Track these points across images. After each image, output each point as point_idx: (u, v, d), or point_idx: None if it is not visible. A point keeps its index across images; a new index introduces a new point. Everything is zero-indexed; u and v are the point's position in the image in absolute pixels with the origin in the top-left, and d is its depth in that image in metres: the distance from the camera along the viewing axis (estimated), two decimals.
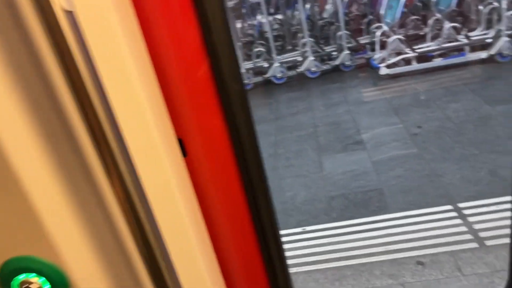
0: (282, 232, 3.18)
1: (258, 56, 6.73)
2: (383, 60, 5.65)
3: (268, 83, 6.51)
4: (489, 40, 5.43)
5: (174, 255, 0.83)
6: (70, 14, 0.63)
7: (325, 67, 6.26)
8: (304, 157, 4.26)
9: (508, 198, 2.92)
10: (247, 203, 1.02)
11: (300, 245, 3.00)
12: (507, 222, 2.70)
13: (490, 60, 5.38)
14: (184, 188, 0.87)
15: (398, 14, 5.27)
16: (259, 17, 6.86)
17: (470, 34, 5.62)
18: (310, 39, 6.18)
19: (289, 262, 2.97)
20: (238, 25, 7.51)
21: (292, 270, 2.80)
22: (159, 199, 0.79)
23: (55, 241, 0.69)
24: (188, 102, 0.87)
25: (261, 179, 0.98)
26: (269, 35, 6.22)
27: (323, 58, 6.43)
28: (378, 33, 5.78)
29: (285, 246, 3.24)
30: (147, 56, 0.79)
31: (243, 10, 7.31)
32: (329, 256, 2.82)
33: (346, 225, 3.06)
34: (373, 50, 6.07)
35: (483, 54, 5.38)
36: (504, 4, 5.16)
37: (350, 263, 2.71)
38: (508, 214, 2.75)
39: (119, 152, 0.69)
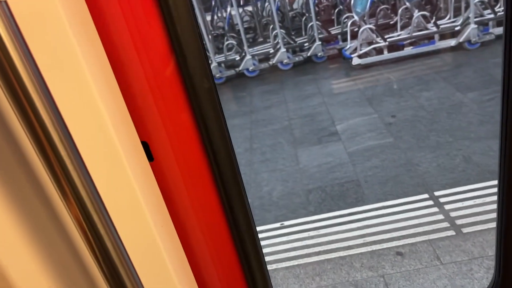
0: (260, 228, 3.13)
1: (229, 49, 6.63)
2: (354, 50, 5.65)
3: (240, 76, 6.42)
4: (457, 28, 5.50)
5: (141, 267, 0.75)
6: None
7: (297, 58, 6.21)
8: (280, 151, 4.20)
9: (482, 184, 2.94)
10: (221, 203, 0.96)
11: (279, 241, 2.95)
12: (482, 208, 2.72)
13: (459, 47, 5.45)
14: (150, 194, 0.79)
15: (368, 4, 5.26)
16: (229, 9, 6.74)
17: (439, 22, 5.67)
18: (281, 30, 6.12)
19: (268, 258, 2.91)
20: (208, 18, 7.37)
21: (271, 266, 2.75)
22: (121, 208, 0.71)
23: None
24: (153, 104, 0.80)
25: (235, 178, 0.92)
26: (240, 27, 6.12)
27: (295, 50, 6.38)
28: (349, 23, 5.76)
29: (264, 242, 3.16)
30: (103, 56, 0.70)
31: (213, 3, 7.18)
32: (309, 251, 2.78)
33: (324, 218, 3.03)
34: (344, 40, 6.06)
35: (452, 42, 5.44)
36: None
37: (330, 257, 2.68)
38: (483, 200, 2.77)
39: (70, 158, 0.60)
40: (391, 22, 6.25)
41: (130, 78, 0.76)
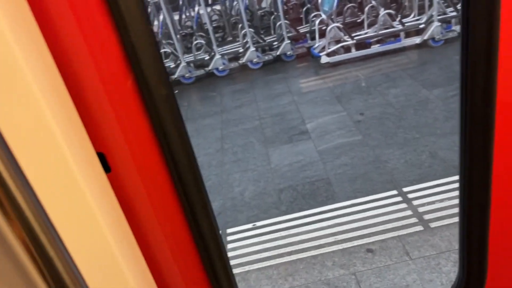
0: (232, 229, 3.11)
1: (198, 49, 6.56)
2: (323, 48, 5.69)
3: (210, 76, 6.37)
4: (422, 26, 5.62)
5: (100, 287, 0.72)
6: None
7: (267, 57, 6.21)
8: (251, 151, 4.19)
9: (448, 179, 3.01)
10: (183, 213, 0.94)
11: (251, 242, 2.93)
12: (449, 203, 2.78)
13: (424, 45, 5.57)
14: (107, 206, 0.76)
15: (335, 2, 5.30)
16: (197, 8, 6.67)
17: (404, 20, 5.79)
18: (250, 29, 6.10)
19: (241, 260, 2.89)
20: (176, 17, 7.27)
21: (244, 268, 2.73)
22: (74, 225, 0.67)
23: None
24: (109, 114, 0.77)
25: (197, 185, 0.90)
26: (209, 26, 6.06)
27: (264, 49, 6.38)
28: (317, 22, 5.80)
29: (236, 244, 3.13)
30: (52, 66, 0.67)
31: (180, 2, 7.09)
32: (281, 251, 2.78)
33: (296, 218, 3.03)
34: (313, 39, 6.09)
35: (417, 40, 5.56)
36: None
37: (302, 256, 2.68)
38: (449, 195, 2.84)
39: (10, 173, 0.56)
40: (358, 20, 6.33)
41: (83, 88, 0.72)
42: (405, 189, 3.03)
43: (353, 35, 5.67)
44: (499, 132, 0.94)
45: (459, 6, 5.54)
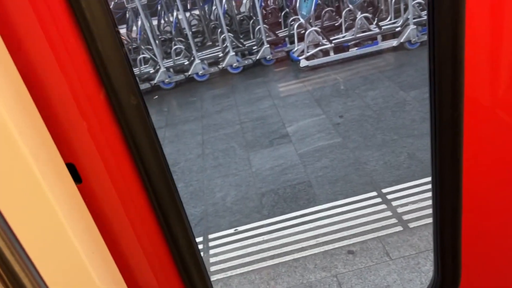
0: (214, 235, 3.10)
1: (178, 54, 6.53)
2: (302, 52, 5.73)
3: (190, 81, 6.35)
4: (398, 29, 5.72)
5: None
6: None
7: (246, 62, 6.22)
8: (232, 155, 4.18)
9: (425, 179, 3.06)
10: (157, 222, 0.93)
11: (234, 247, 2.93)
12: (427, 203, 2.83)
13: (400, 47, 5.67)
14: (77, 218, 0.75)
15: (312, 7, 5.35)
16: (175, 13, 6.65)
17: (381, 23, 5.88)
18: (230, 34, 6.11)
19: (223, 266, 2.87)
20: (155, 22, 7.24)
21: (226, 274, 2.72)
22: (42, 238, 0.66)
23: None
24: (78, 124, 0.76)
25: (170, 193, 0.89)
26: (188, 31, 6.05)
27: (244, 53, 6.39)
28: (295, 26, 5.84)
29: (218, 250, 3.12)
30: (16, 77, 0.66)
31: (158, 7, 7.05)
32: (263, 255, 2.78)
33: (278, 221, 3.04)
34: (292, 43, 6.13)
35: (394, 42, 5.65)
36: None
37: (284, 260, 2.69)
38: (427, 195, 2.89)
39: None
40: (336, 24, 6.40)
41: (51, 101, 0.71)
42: (385, 190, 3.07)
43: (331, 38, 5.73)
44: (468, 133, 0.96)
45: None
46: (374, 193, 3.06)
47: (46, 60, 0.69)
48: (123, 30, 7.18)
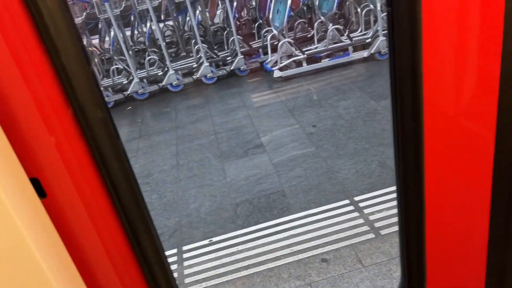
0: (188, 246, 3.08)
1: (151, 64, 6.51)
2: (275, 63, 5.80)
3: (164, 91, 6.32)
4: (369, 40, 5.87)
5: None
6: None
7: (221, 72, 6.25)
8: (207, 166, 4.18)
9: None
10: (125, 235, 0.93)
11: (208, 258, 2.91)
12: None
13: (371, 58, 5.81)
14: (41, 232, 0.74)
15: (285, 18, 5.44)
16: (149, 24, 6.63)
17: (352, 35, 6.02)
18: (204, 45, 6.13)
19: (197, 277, 2.85)
20: (128, 33, 7.20)
21: (201, 285, 2.71)
22: (4, 253, 0.66)
23: None
24: (43, 138, 0.76)
25: (137, 207, 0.89)
26: (161, 42, 6.04)
27: (218, 64, 6.42)
28: (269, 37, 5.92)
29: (193, 261, 3.10)
30: None
31: (132, 18, 7.02)
32: (238, 265, 2.78)
33: (252, 231, 3.05)
34: (265, 54, 6.20)
35: (364, 53, 5.79)
36: (378, 6, 5.61)
37: (258, 270, 2.69)
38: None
39: None
40: (309, 36, 6.52)
41: (15, 115, 0.71)
42: (357, 198, 3.12)
43: (304, 49, 5.83)
44: (428, 142, 1.00)
45: None
46: (346, 201, 3.11)
47: (9, 74, 0.69)
48: (95, 41, 7.10)
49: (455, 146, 1.03)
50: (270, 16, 5.81)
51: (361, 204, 3.05)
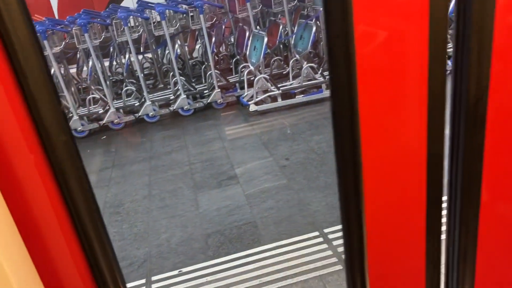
0: (156, 277, 3.04)
1: (128, 95, 6.55)
2: (251, 97, 5.94)
3: (140, 122, 6.34)
4: None
5: None
6: None
7: (198, 105, 6.34)
8: (180, 196, 4.18)
9: None
10: (88, 265, 0.93)
11: None
12: None
13: None
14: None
15: (261, 55, 5.63)
16: (128, 55, 6.73)
17: (326, 73, 6.24)
18: (182, 78, 6.24)
19: None
20: (106, 63, 7.26)
21: None
22: None
23: None
24: (5, 161, 0.78)
25: (99, 235, 0.90)
26: (139, 73, 6.12)
27: (195, 96, 6.52)
28: (246, 72, 6.08)
29: None
30: None
31: (111, 49, 7.11)
32: None
33: (222, 262, 3.05)
34: (242, 88, 6.35)
35: None
36: None
37: None
38: None
39: None
40: (284, 72, 6.72)
41: None
42: (326, 230, 3.18)
43: (279, 85, 6.01)
44: (367, 176, 1.07)
45: None
46: (316, 233, 3.17)
47: None
48: (73, 70, 7.13)
49: (391, 183, 1.10)
50: (247, 53, 5.99)
51: (330, 236, 3.10)
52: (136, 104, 6.38)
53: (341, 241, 3.01)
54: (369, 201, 1.07)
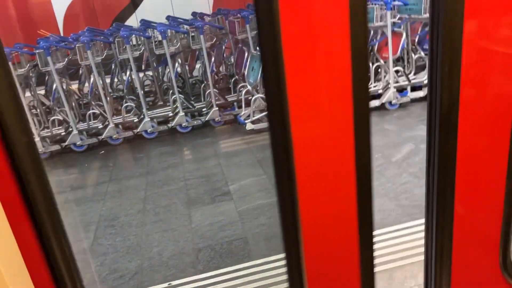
0: None
1: (128, 111, 6.66)
2: (248, 116, 6.05)
3: (139, 137, 6.43)
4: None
5: None
6: None
7: (196, 122, 6.44)
8: (174, 211, 4.23)
9: None
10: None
11: None
12: None
13: None
14: None
15: (259, 76, 5.75)
16: (129, 72, 6.87)
17: None
18: (181, 95, 6.36)
19: None
20: (108, 80, 7.40)
21: None
22: None
23: None
24: None
25: (64, 257, 0.93)
26: (139, 90, 6.25)
27: (194, 114, 6.63)
28: (243, 92, 6.20)
29: None
30: None
31: (113, 66, 7.26)
32: None
33: (211, 276, 3.09)
34: (240, 107, 6.46)
35: None
36: None
37: None
38: None
39: None
40: None
41: None
42: None
43: None
44: (301, 192, 1.12)
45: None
46: None
47: None
48: (75, 85, 7.26)
49: (323, 200, 1.15)
50: (246, 73, 6.13)
51: None
52: (135, 120, 6.48)
53: None
54: (304, 209, 1.12)
